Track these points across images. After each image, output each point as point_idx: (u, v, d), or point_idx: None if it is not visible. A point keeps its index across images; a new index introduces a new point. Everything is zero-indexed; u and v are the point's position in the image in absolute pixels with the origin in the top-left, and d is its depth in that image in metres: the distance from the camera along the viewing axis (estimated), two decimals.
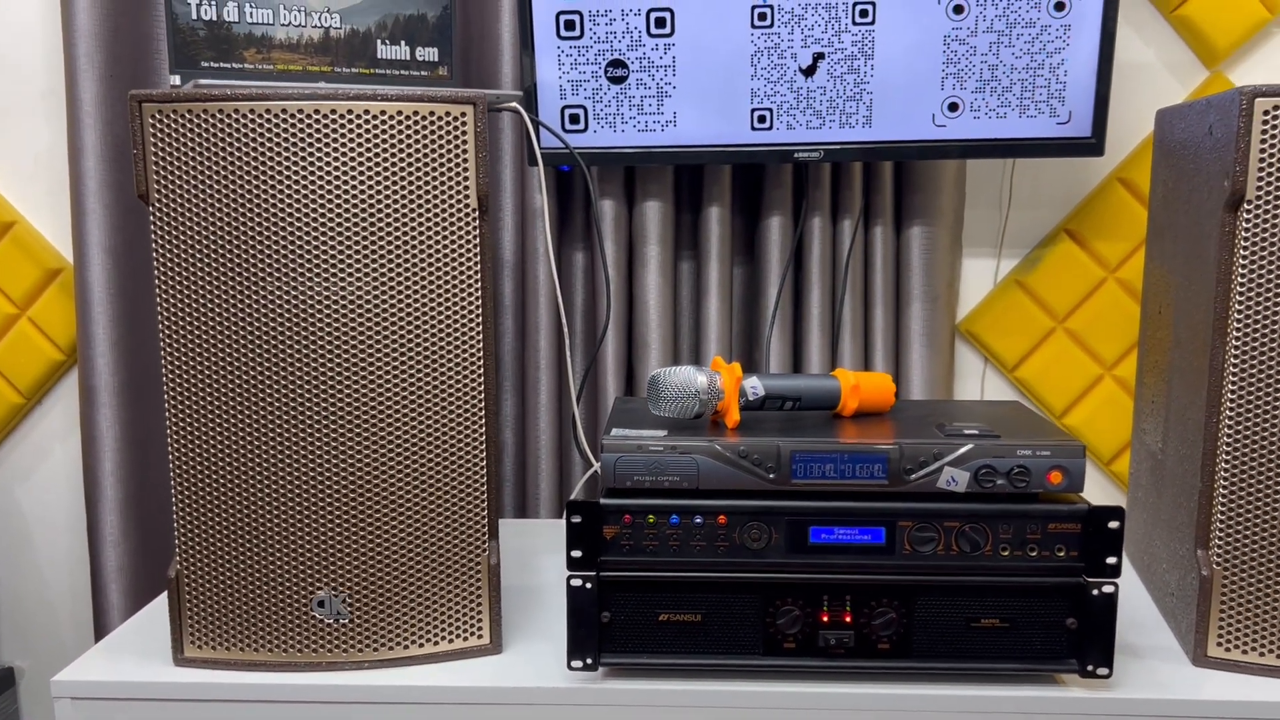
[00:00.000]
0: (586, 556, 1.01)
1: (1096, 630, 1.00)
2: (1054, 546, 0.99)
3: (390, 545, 1.05)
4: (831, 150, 1.45)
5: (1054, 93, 1.41)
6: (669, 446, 1.01)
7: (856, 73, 1.42)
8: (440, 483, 1.05)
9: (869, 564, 1.01)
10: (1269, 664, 1.05)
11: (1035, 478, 0.99)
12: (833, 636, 1.02)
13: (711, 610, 1.02)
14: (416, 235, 1.01)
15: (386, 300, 1.01)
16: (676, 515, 1.01)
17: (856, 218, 1.58)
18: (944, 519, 0.99)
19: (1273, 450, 1.02)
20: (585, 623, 1.01)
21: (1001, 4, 1.38)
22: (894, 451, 1.00)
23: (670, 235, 1.58)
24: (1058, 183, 1.62)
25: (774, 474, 1.01)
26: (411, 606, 1.07)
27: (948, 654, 1.02)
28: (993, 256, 1.65)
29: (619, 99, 1.46)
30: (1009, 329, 1.63)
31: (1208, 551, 1.06)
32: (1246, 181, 1.00)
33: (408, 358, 1.03)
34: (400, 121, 1.00)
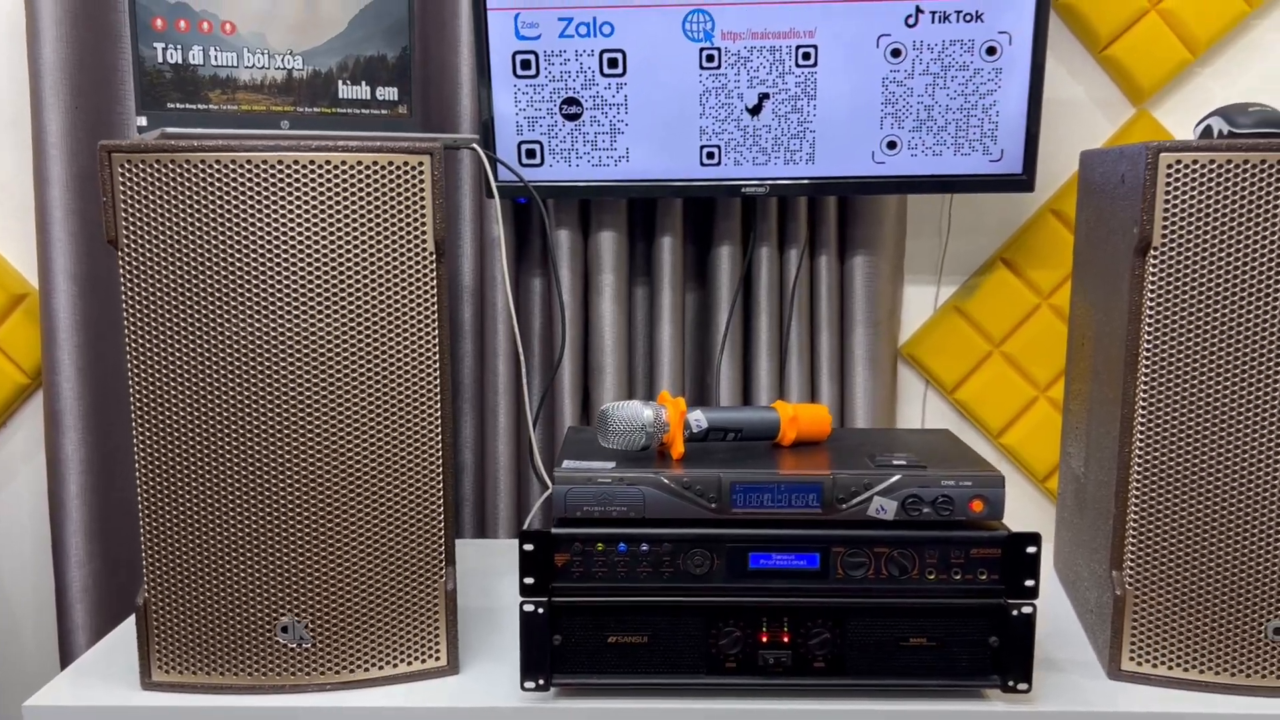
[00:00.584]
0: (539, 583, 1.06)
1: (1017, 648, 1.07)
2: (976, 570, 1.06)
3: (351, 573, 1.10)
4: (777, 185, 1.52)
5: (986, 132, 1.49)
6: (616, 478, 1.07)
7: (800, 112, 1.49)
8: (399, 515, 1.11)
9: (804, 588, 1.07)
10: (1177, 676, 1.13)
11: (958, 506, 1.06)
12: (771, 656, 1.08)
13: (657, 632, 1.08)
14: (376, 278, 1.07)
15: (347, 339, 1.06)
16: (624, 543, 1.06)
17: (802, 248, 1.64)
18: (874, 545, 1.06)
19: (1178, 480, 1.10)
20: (537, 645, 1.07)
21: (936, 48, 1.46)
22: (827, 481, 1.07)
23: (624, 264, 1.64)
24: (994, 214, 1.70)
25: (715, 503, 1.07)
26: (372, 631, 1.12)
27: (879, 671, 1.08)
28: (933, 284, 1.72)
29: (573, 135, 1.52)
30: (948, 353, 1.71)
31: (1121, 572, 1.14)
32: (1153, 229, 1.07)
33: (367, 394, 1.08)
34: (360, 171, 1.05)
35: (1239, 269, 1.06)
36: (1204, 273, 1.07)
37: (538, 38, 1.48)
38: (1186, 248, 1.07)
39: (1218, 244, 1.06)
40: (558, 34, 1.48)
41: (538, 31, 1.48)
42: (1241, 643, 1.11)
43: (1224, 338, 1.07)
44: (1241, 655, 1.11)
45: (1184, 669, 1.12)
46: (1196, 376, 1.08)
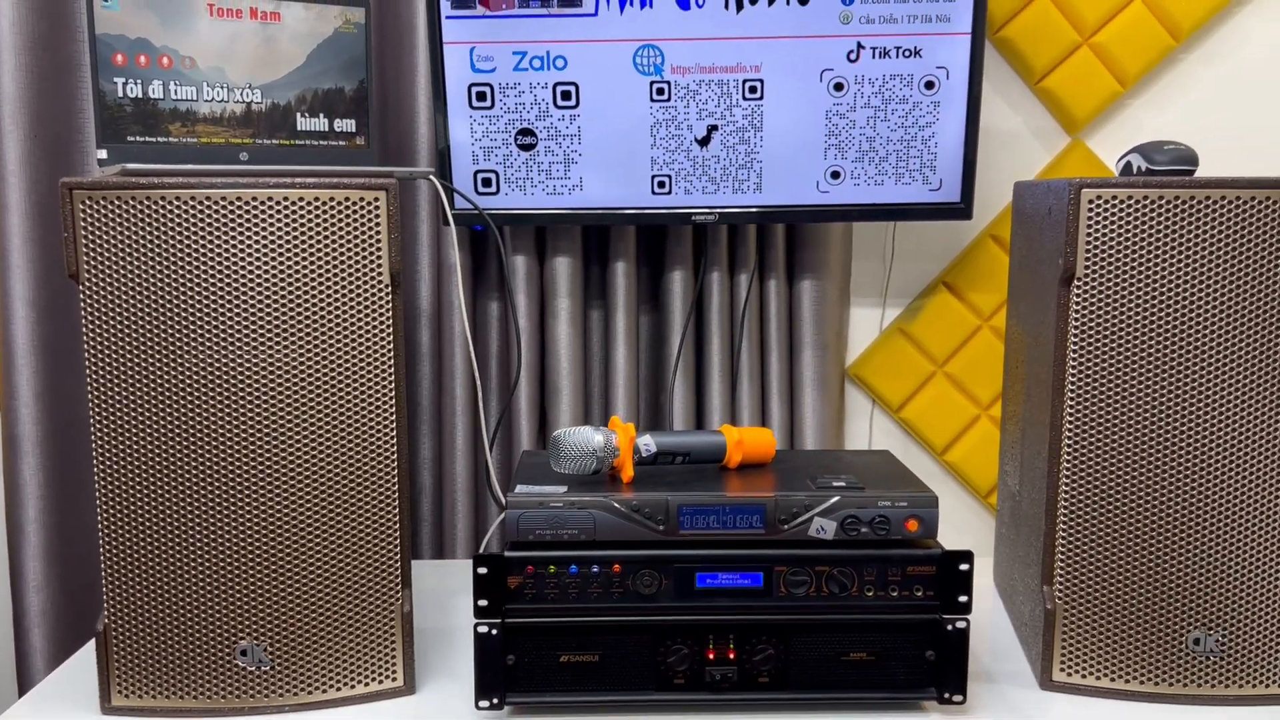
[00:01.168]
0: (492, 605, 1.10)
1: (952, 661, 1.12)
2: (913, 587, 1.11)
3: (309, 596, 1.13)
4: (726, 214, 1.57)
5: (926, 162, 1.55)
6: (568, 502, 1.10)
7: (747, 143, 1.54)
8: (356, 539, 1.14)
9: (749, 605, 1.11)
10: (1105, 686, 1.18)
11: (894, 526, 1.11)
12: (718, 672, 1.12)
13: (608, 651, 1.12)
14: (333, 309, 1.10)
15: (303, 369, 1.09)
16: (575, 565, 1.10)
17: (752, 272, 1.69)
18: (815, 564, 1.11)
19: (1103, 499, 1.15)
20: (491, 666, 1.10)
21: (877, 82, 1.52)
22: (770, 503, 1.11)
23: (579, 288, 1.69)
24: (936, 239, 1.76)
25: (663, 525, 1.11)
26: (330, 653, 1.14)
27: (821, 685, 1.13)
28: (878, 306, 1.78)
29: (528, 165, 1.56)
30: (894, 373, 1.77)
31: (1051, 587, 1.19)
32: (1076, 260, 1.13)
33: (323, 422, 1.11)
34: (317, 207, 1.08)
35: (1157, 298, 1.12)
36: (1124, 302, 1.12)
37: (493, 70, 1.52)
38: (1108, 278, 1.13)
39: (1137, 274, 1.12)
40: (512, 67, 1.52)
41: (493, 65, 1.52)
42: (1165, 653, 1.16)
43: (1144, 363, 1.13)
44: (1165, 665, 1.16)
45: (1111, 679, 1.18)
46: (1119, 400, 1.14)
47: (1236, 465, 1.13)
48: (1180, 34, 1.68)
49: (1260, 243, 1.10)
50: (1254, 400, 1.12)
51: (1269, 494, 1.13)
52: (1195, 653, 1.16)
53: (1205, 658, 1.16)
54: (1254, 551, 1.14)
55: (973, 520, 1.81)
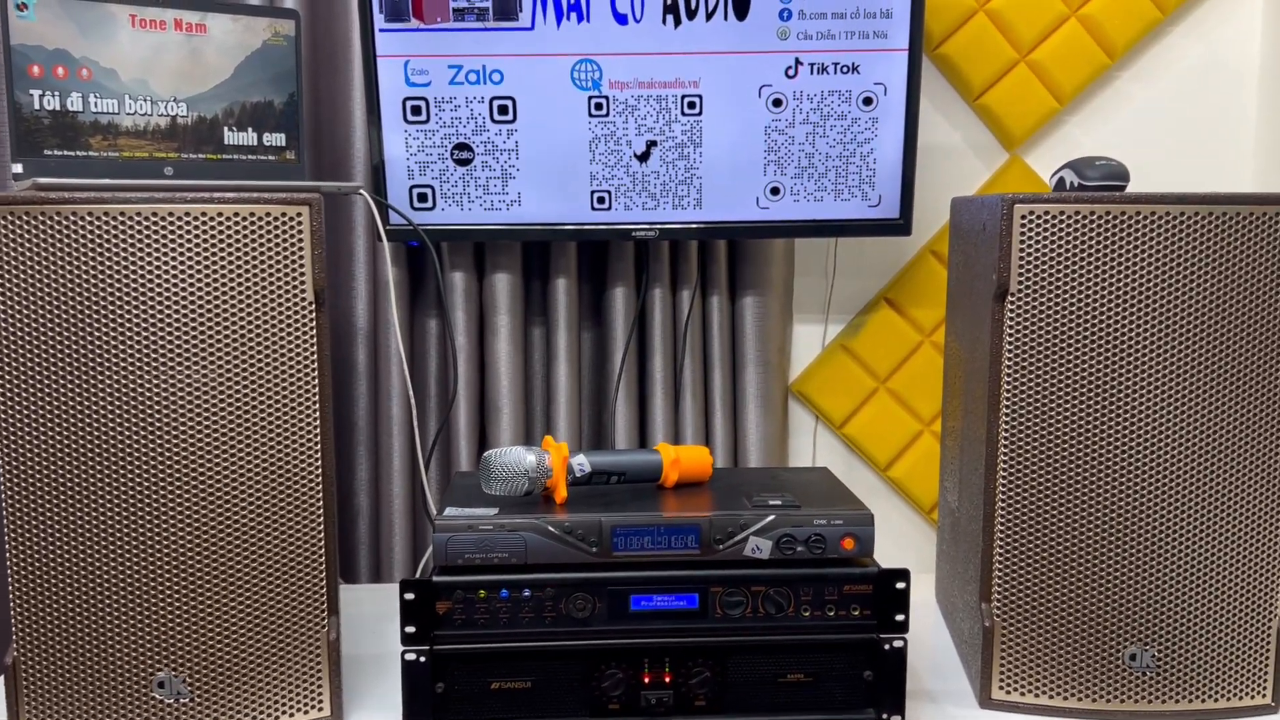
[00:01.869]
0: (420, 631, 1.07)
1: (889, 681, 1.10)
2: (849, 606, 1.10)
3: (230, 625, 1.09)
4: (666, 229, 1.56)
5: (865, 178, 1.55)
6: (498, 525, 1.08)
7: (687, 159, 1.53)
8: (279, 565, 1.10)
9: (685, 628, 1.09)
10: (1043, 704, 1.17)
11: (830, 544, 1.10)
12: (654, 696, 1.10)
13: (541, 677, 1.09)
14: (254, 329, 1.07)
15: (224, 389, 1.06)
16: (506, 590, 1.08)
17: (694, 289, 1.68)
18: (751, 584, 1.09)
19: (1039, 515, 1.15)
20: (420, 694, 1.07)
21: (816, 98, 1.51)
22: (705, 523, 1.09)
23: (520, 305, 1.66)
24: (877, 255, 1.76)
25: (596, 547, 1.09)
26: (252, 683, 1.11)
27: (758, 708, 1.11)
28: (820, 323, 1.78)
29: (465, 180, 1.53)
30: (836, 390, 1.76)
31: (989, 604, 1.18)
32: (1009, 276, 1.13)
33: (244, 444, 1.07)
34: (238, 223, 1.05)
35: (1089, 313, 1.12)
36: (1057, 317, 1.12)
37: (428, 84, 1.50)
38: (1041, 293, 1.12)
39: (1069, 289, 1.12)
40: (448, 81, 1.50)
41: (428, 79, 1.50)
42: (1101, 670, 1.16)
43: (1078, 378, 1.13)
44: (1102, 682, 1.16)
45: (1049, 696, 1.17)
46: (1054, 415, 1.13)
47: (1169, 479, 1.13)
48: (1115, 52, 1.70)
49: (1189, 258, 1.10)
50: (1186, 414, 1.12)
51: (1201, 508, 1.13)
52: (1131, 668, 1.15)
53: (1141, 673, 1.15)
54: (1187, 566, 1.14)
55: (916, 536, 1.80)
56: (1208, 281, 1.11)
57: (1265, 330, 1.11)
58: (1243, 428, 1.13)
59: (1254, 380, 1.12)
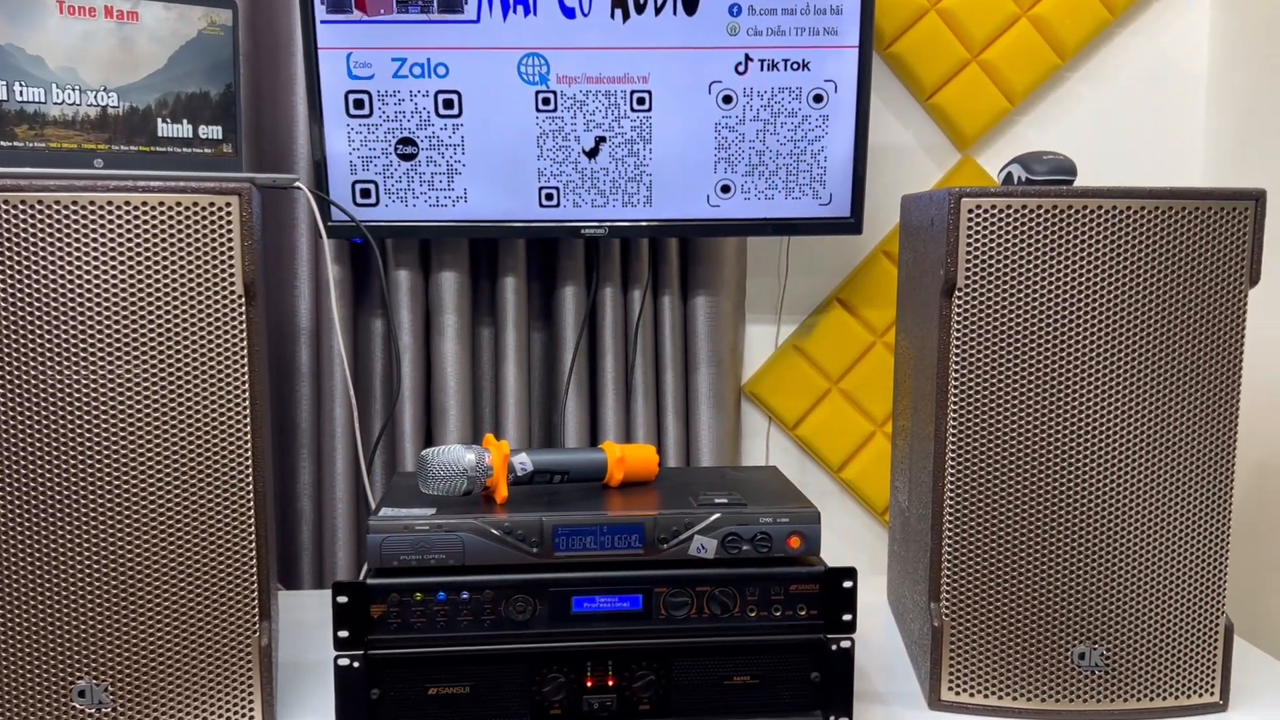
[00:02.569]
0: (354, 636, 1.03)
1: (837, 682, 1.08)
2: (796, 606, 1.08)
3: (154, 632, 1.05)
4: (616, 227, 1.53)
5: (816, 177, 1.53)
6: (434, 525, 1.05)
7: (636, 155, 1.51)
8: (207, 569, 1.06)
9: (628, 629, 1.07)
10: (993, 705, 1.16)
11: (776, 543, 1.08)
12: (596, 701, 1.07)
13: (480, 682, 1.06)
14: (181, 323, 1.03)
15: (148, 387, 1.02)
16: (443, 592, 1.04)
17: (645, 288, 1.66)
18: (696, 584, 1.07)
19: (987, 514, 1.13)
20: (354, 701, 1.04)
21: (766, 95, 1.50)
22: (648, 522, 1.07)
23: (467, 304, 1.63)
24: (830, 255, 1.74)
25: (537, 548, 1.06)
26: (179, 693, 1.06)
27: (704, 711, 1.08)
28: (773, 323, 1.76)
29: (409, 175, 1.50)
30: (789, 391, 1.74)
31: (939, 604, 1.17)
32: (957, 271, 1.12)
33: (171, 443, 1.03)
34: (164, 212, 1.01)
35: (1037, 307, 1.11)
36: (1005, 312, 1.11)
37: (371, 78, 1.47)
38: (988, 288, 1.11)
39: (1017, 284, 1.11)
40: (391, 74, 1.47)
41: (371, 71, 1.46)
42: (1051, 669, 1.15)
43: (1025, 374, 1.11)
44: (1051, 681, 1.15)
45: (999, 697, 1.16)
46: (1001, 412, 1.12)
47: (1117, 476, 1.12)
48: (1065, 52, 1.70)
49: (1136, 252, 1.10)
50: (1133, 409, 1.11)
51: (1149, 505, 1.12)
52: (1081, 667, 1.14)
53: (1091, 672, 1.14)
54: (1136, 564, 1.13)
55: (869, 538, 1.79)
56: (1154, 276, 1.10)
57: (1210, 325, 1.11)
58: (1189, 424, 1.12)
59: (1199, 375, 1.11)
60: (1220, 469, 1.13)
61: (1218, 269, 1.11)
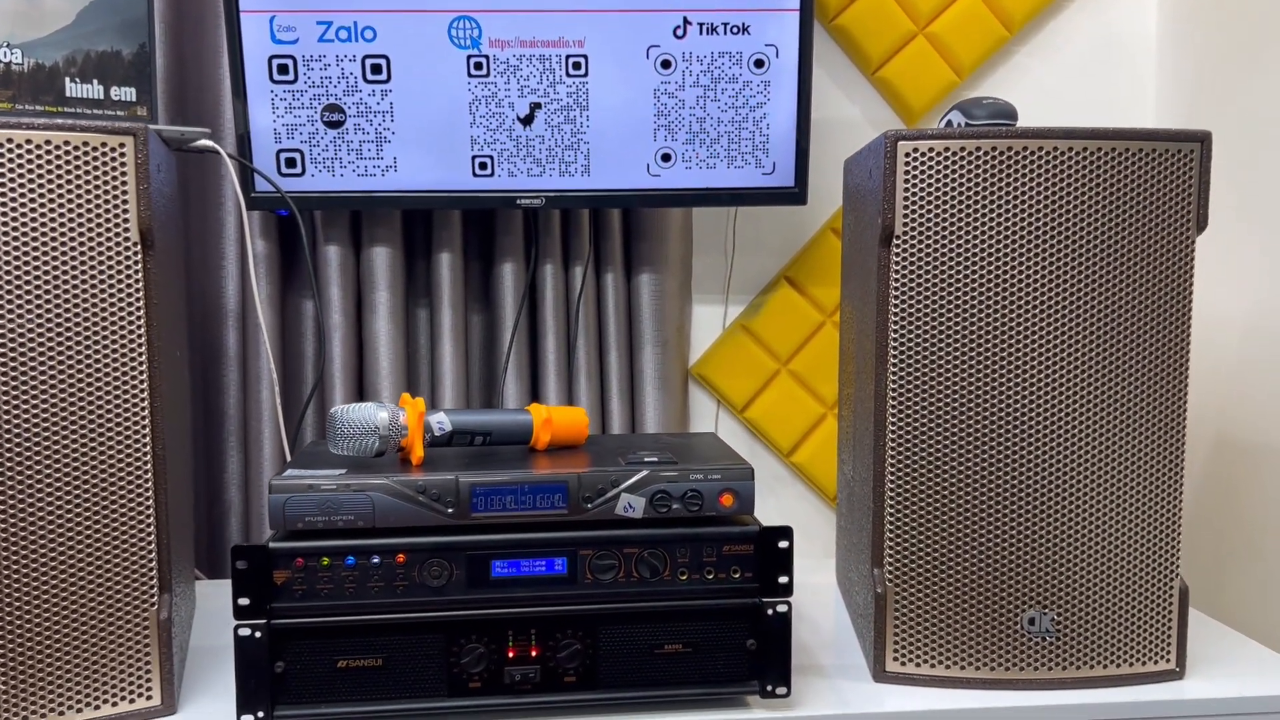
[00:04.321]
0: (255, 604, 0.96)
1: (774, 650, 1.02)
2: (729, 569, 1.02)
3: (41, 605, 0.97)
4: (552, 197, 1.48)
5: (758, 144, 1.49)
6: (342, 485, 0.98)
7: (573, 123, 1.46)
8: (99, 538, 0.99)
9: (552, 595, 1.00)
10: (940, 675, 1.10)
11: (708, 501, 1.02)
12: (519, 672, 1.01)
13: (393, 653, 0.99)
14: (70, 271, 0.96)
15: (34, 338, 0.95)
16: (352, 556, 0.98)
17: (586, 264, 1.60)
18: (623, 545, 1.00)
19: (930, 472, 1.08)
20: (255, 674, 0.96)
21: (705, 60, 1.46)
22: (572, 480, 1.01)
23: (401, 281, 1.57)
24: (777, 233, 1.70)
25: (453, 509, 1.00)
26: (66, 668, 0.99)
27: (634, 683, 1.02)
28: (720, 303, 1.71)
29: (336, 143, 1.44)
30: (737, 372, 1.69)
31: (882, 570, 1.11)
32: (894, 218, 1.07)
33: (54, 404, 0.96)
34: (49, 151, 0.95)
35: (978, 254, 1.06)
36: (945, 260, 1.07)
37: (295, 42, 1.41)
38: (927, 236, 1.07)
39: (957, 230, 1.06)
40: (317, 38, 1.41)
41: (295, 35, 1.41)
42: (1000, 637, 1.09)
43: (966, 325, 1.07)
44: (1000, 650, 1.09)
45: (946, 667, 1.10)
46: (942, 365, 1.07)
47: (1064, 432, 1.07)
48: (1013, 25, 1.67)
49: (1080, 195, 1.05)
50: (1080, 360, 1.07)
51: (1098, 462, 1.08)
52: (1030, 633, 1.09)
53: (1041, 639, 1.09)
54: (1086, 524, 1.08)
55: (820, 524, 1.73)
56: (1100, 220, 1.06)
57: (1158, 272, 1.07)
58: (1138, 375, 1.08)
59: (1148, 325, 1.07)
60: (1172, 423, 1.09)
61: (1164, 213, 1.07)
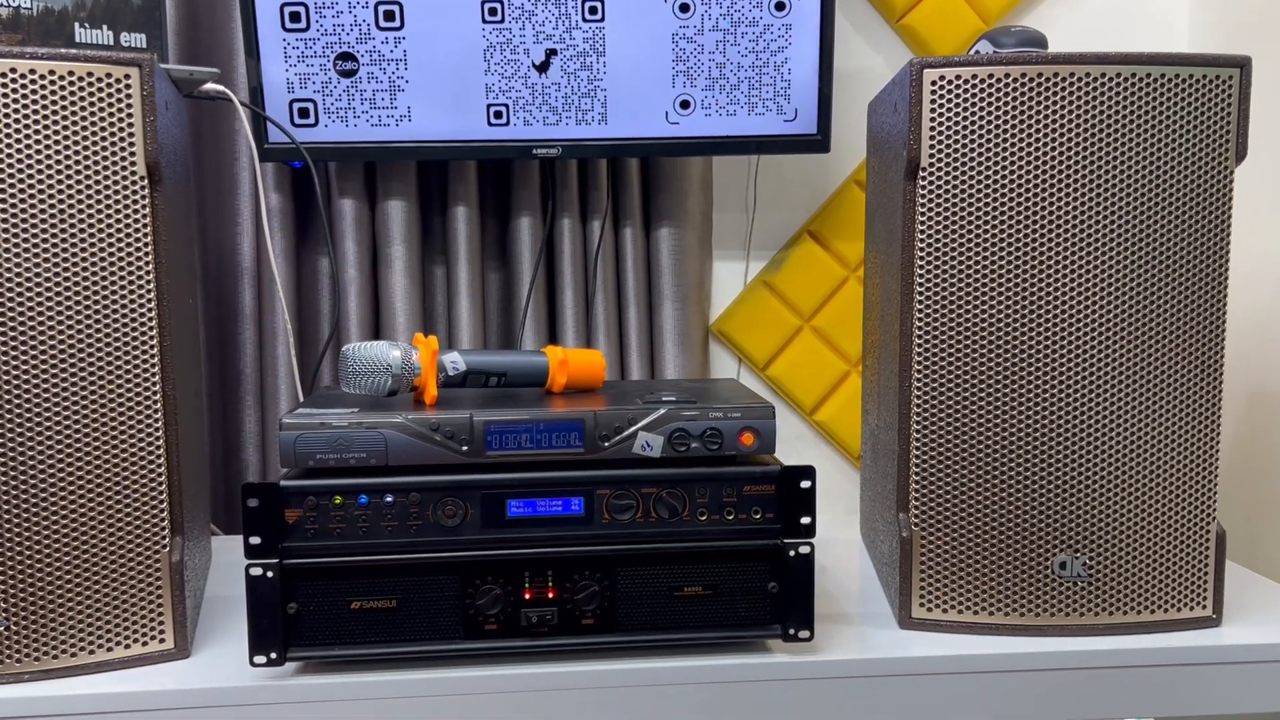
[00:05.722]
0: (267, 543, 0.95)
1: (796, 592, 0.99)
2: (750, 509, 0.99)
3: (53, 547, 0.96)
4: (569, 146, 1.45)
5: (779, 90, 1.45)
6: (354, 422, 0.96)
7: (590, 69, 1.43)
8: (110, 479, 0.97)
9: (569, 535, 0.98)
10: (968, 621, 1.07)
11: (728, 440, 0.99)
12: (535, 614, 0.98)
13: (407, 595, 0.97)
14: (75, 206, 0.94)
15: (34, 281, 0.93)
16: (365, 495, 0.96)
17: (605, 218, 1.58)
18: (641, 485, 0.98)
19: (957, 411, 1.05)
20: (268, 615, 0.95)
21: (725, 3, 1.42)
22: (589, 418, 0.98)
23: (416, 236, 1.55)
24: (799, 186, 1.67)
25: (467, 447, 0.97)
26: (80, 610, 0.97)
27: (653, 625, 0.99)
28: (741, 259, 1.68)
29: (350, 93, 1.42)
30: (759, 329, 1.66)
31: (908, 514, 1.08)
32: (920, 149, 1.04)
33: (62, 340, 0.95)
34: (53, 82, 0.93)
35: (1007, 187, 1.03)
36: (973, 193, 1.03)
37: None
38: (955, 167, 1.03)
39: (985, 162, 1.03)
40: None
41: None
42: (1029, 582, 1.06)
43: (996, 259, 1.03)
44: (1030, 595, 1.06)
45: (974, 612, 1.07)
46: (971, 302, 1.04)
47: (1098, 368, 1.03)
48: None
49: (1113, 124, 1.02)
50: (1114, 294, 1.03)
51: (1133, 396, 1.04)
52: (1061, 578, 1.06)
53: (1072, 583, 1.06)
54: (1120, 464, 1.05)
55: (843, 483, 1.70)
56: (1134, 151, 1.02)
57: (1196, 203, 1.03)
58: (1173, 310, 1.04)
59: (1184, 258, 1.03)
60: (1209, 360, 1.05)
61: (1202, 143, 1.03)
